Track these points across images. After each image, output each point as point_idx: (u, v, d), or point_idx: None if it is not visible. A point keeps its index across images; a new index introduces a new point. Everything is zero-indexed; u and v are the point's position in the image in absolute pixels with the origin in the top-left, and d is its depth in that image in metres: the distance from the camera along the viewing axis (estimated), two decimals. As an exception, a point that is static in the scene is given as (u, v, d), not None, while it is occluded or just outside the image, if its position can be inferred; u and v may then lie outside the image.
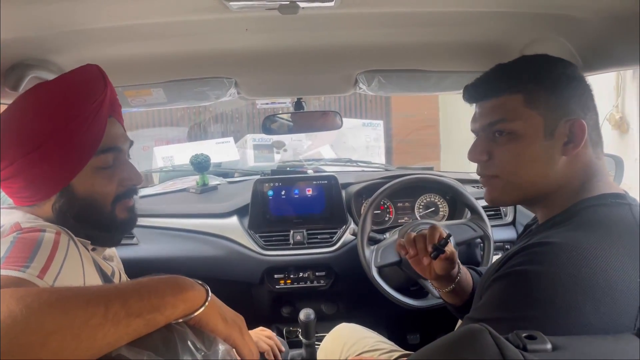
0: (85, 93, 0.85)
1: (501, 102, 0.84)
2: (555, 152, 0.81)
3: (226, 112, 6.40)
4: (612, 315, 0.64)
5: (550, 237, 0.73)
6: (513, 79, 0.84)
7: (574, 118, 0.80)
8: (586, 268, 0.66)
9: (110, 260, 1.00)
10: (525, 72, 0.84)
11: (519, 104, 0.82)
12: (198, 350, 0.59)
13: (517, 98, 0.82)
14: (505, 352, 0.52)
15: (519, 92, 0.82)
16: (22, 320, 0.47)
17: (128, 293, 0.56)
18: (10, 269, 0.62)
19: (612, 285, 0.65)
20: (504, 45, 1.19)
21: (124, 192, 0.93)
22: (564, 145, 0.80)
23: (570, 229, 0.74)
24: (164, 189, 2.28)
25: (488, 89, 0.87)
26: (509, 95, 0.83)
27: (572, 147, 0.80)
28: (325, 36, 1.15)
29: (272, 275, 1.82)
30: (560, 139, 0.80)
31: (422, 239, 1.12)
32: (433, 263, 1.11)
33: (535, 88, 0.81)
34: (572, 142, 0.80)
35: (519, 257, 0.73)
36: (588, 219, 0.76)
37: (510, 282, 0.71)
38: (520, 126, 0.82)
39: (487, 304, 0.74)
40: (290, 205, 1.89)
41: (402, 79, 1.45)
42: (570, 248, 0.69)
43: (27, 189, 0.84)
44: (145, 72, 1.32)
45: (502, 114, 0.83)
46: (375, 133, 4.77)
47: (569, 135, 0.80)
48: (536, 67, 0.84)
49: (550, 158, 0.81)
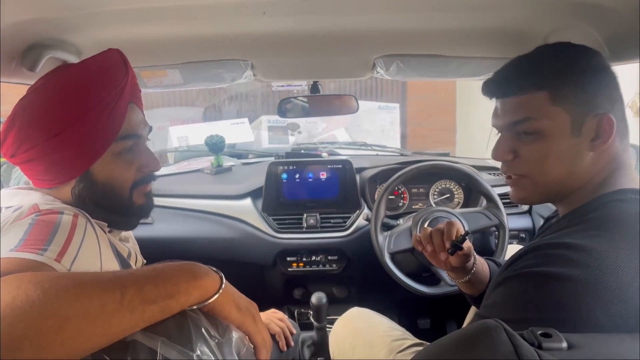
0: (107, 79, 0.85)
1: (525, 100, 0.80)
2: (583, 149, 0.78)
3: (241, 92, 6.38)
4: (623, 317, 0.63)
5: (563, 238, 0.72)
6: (537, 75, 0.80)
7: (601, 113, 0.77)
8: (597, 270, 0.65)
9: (126, 241, 1.01)
10: (550, 66, 0.80)
11: (545, 102, 0.78)
12: (212, 336, 0.59)
13: (542, 95, 0.79)
14: (520, 349, 0.51)
15: (544, 89, 0.78)
16: (39, 306, 0.48)
17: (143, 280, 0.56)
18: (28, 251, 0.63)
19: (622, 287, 0.64)
20: (527, 32, 1.16)
21: (142, 178, 0.93)
22: (592, 141, 0.78)
23: (584, 228, 0.73)
24: (179, 169, 2.29)
25: (510, 85, 0.83)
26: (533, 92, 0.79)
27: (600, 143, 0.78)
28: (344, 20, 1.13)
29: (285, 258, 1.84)
30: (588, 135, 0.78)
31: (439, 235, 1.11)
32: (449, 257, 1.10)
33: (560, 84, 0.78)
34: (600, 137, 0.77)
35: (531, 257, 0.72)
36: (604, 217, 0.74)
37: (522, 283, 0.70)
38: (547, 125, 0.79)
39: (497, 303, 0.73)
40: (304, 188, 1.89)
41: (421, 64, 1.42)
42: (582, 249, 0.67)
43: (48, 173, 0.85)
44: (162, 54, 1.31)
45: (527, 112, 0.80)
46: (391, 116, 4.72)
47: (597, 131, 0.77)
48: (561, 60, 0.80)
49: (578, 155, 0.79)
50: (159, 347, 0.54)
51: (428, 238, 1.13)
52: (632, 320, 0.64)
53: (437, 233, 1.12)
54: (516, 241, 1.85)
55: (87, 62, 0.88)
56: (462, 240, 1.07)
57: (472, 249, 1.13)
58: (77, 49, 1.13)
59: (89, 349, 0.51)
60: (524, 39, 1.17)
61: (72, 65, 0.90)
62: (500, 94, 0.85)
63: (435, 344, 0.61)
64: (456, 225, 1.11)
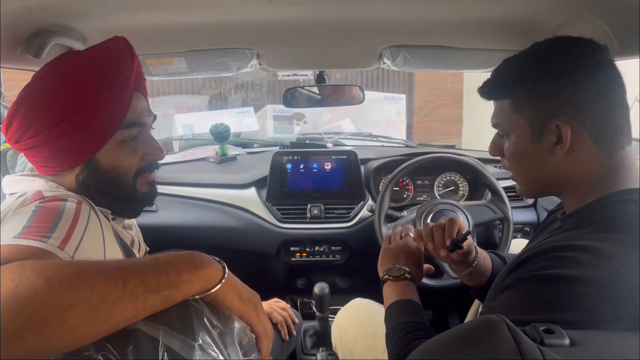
0: (113, 67, 0.85)
1: (497, 106, 0.88)
2: (546, 154, 0.81)
3: (247, 81, 6.36)
4: (632, 319, 0.63)
5: (572, 240, 0.72)
6: (503, 84, 0.86)
7: (562, 119, 0.77)
8: (606, 272, 0.65)
9: (129, 229, 1.01)
10: (512, 75, 0.85)
11: (508, 109, 0.84)
12: (214, 326, 0.60)
13: (506, 104, 0.85)
14: (522, 345, 0.51)
15: (508, 97, 0.84)
16: (42, 294, 0.48)
17: (146, 269, 0.56)
18: (32, 239, 0.63)
19: (631, 290, 0.64)
20: (536, 24, 1.14)
21: (145, 166, 0.94)
22: (553, 146, 0.80)
23: (593, 230, 0.73)
24: (184, 157, 2.30)
25: (489, 90, 0.90)
26: (502, 99, 0.86)
27: (560, 148, 0.79)
28: (351, 9, 1.12)
29: (288, 248, 1.84)
30: (550, 141, 0.80)
31: (441, 231, 1.11)
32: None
33: (519, 92, 0.83)
34: (561, 143, 0.78)
35: (541, 260, 0.72)
36: (612, 218, 0.74)
37: (532, 286, 0.70)
38: (510, 130, 0.85)
39: (506, 306, 0.73)
40: (309, 179, 1.89)
41: (428, 56, 1.41)
42: (591, 252, 0.67)
43: (52, 160, 0.85)
44: (168, 42, 1.30)
45: (498, 117, 0.88)
46: (397, 107, 4.70)
47: (558, 137, 0.79)
48: (521, 69, 0.84)
49: (541, 160, 0.82)
50: (161, 336, 0.54)
51: (429, 234, 1.13)
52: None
53: (438, 229, 1.12)
54: (520, 235, 1.84)
55: (93, 50, 0.87)
56: (463, 239, 1.07)
57: (474, 245, 1.13)
58: (82, 35, 1.12)
59: (91, 337, 0.51)
60: (532, 31, 1.15)
61: (77, 53, 0.90)
62: (486, 96, 0.91)
63: (438, 337, 0.61)
64: (458, 222, 1.11)
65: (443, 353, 0.58)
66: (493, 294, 0.83)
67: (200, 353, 0.55)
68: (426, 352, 0.63)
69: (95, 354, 0.51)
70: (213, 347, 0.57)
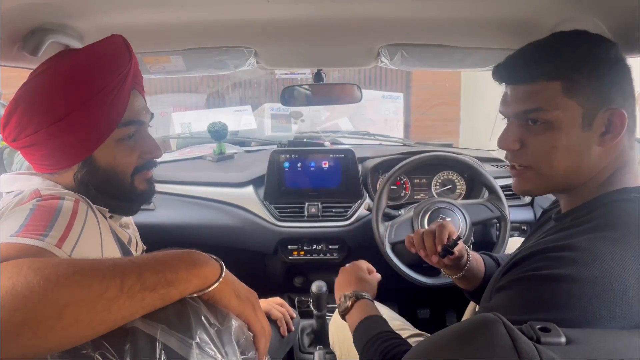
0: (111, 65, 0.85)
1: (537, 89, 0.77)
2: (592, 143, 0.76)
3: (245, 79, 6.35)
4: (627, 319, 0.64)
5: (567, 239, 0.71)
6: (551, 64, 0.76)
7: (613, 107, 0.75)
8: (602, 271, 0.65)
9: (127, 227, 1.01)
10: (564, 55, 0.76)
11: (557, 93, 0.75)
12: (211, 324, 0.60)
13: (555, 86, 0.75)
14: (518, 343, 0.51)
15: (557, 79, 0.75)
16: (38, 292, 0.48)
17: (143, 267, 0.56)
18: (29, 237, 0.63)
19: (627, 289, 0.64)
20: (533, 23, 1.14)
21: (143, 164, 0.94)
22: (601, 135, 0.76)
23: (588, 229, 0.72)
24: (181, 155, 2.29)
25: (523, 71, 0.80)
26: (546, 81, 0.76)
27: (610, 139, 0.76)
28: (349, 8, 1.12)
29: (286, 246, 1.84)
30: (598, 130, 0.76)
31: (431, 237, 1.11)
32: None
33: (575, 75, 0.75)
34: (611, 132, 0.75)
35: (537, 260, 0.71)
36: (608, 217, 0.73)
37: (528, 286, 0.70)
38: (557, 116, 0.76)
39: (503, 306, 0.72)
40: (306, 177, 1.89)
41: (426, 54, 1.41)
42: (587, 251, 0.67)
43: (50, 158, 0.85)
44: (165, 40, 1.30)
45: (539, 102, 0.77)
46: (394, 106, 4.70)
47: (607, 126, 0.75)
48: (576, 50, 0.77)
49: (586, 149, 0.77)
50: (159, 334, 0.54)
51: (420, 241, 1.12)
52: (636, 322, 0.64)
53: (429, 235, 1.11)
54: (518, 233, 1.85)
55: (91, 48, 0.87)
56: (454, 244, 1.07)
57: (465, 248, 1.13)
58: (79, 33, 1.12)
59: (89, 335, 0.51)
60: (530, 30, 1.15)
61: (75, 51, 0.90)
62: (511, 80, 0.82)
63: (434, 336, 0.61)
64: (447, 228, 1.10)
65: (440, 351, 0.59)
66: (488, 294, 0.83)
67: (197, 351, 0.55)
68: (423, 351, 0.63)
69: (92, 352, 0.51)
70: (210, 345, 0.57)
